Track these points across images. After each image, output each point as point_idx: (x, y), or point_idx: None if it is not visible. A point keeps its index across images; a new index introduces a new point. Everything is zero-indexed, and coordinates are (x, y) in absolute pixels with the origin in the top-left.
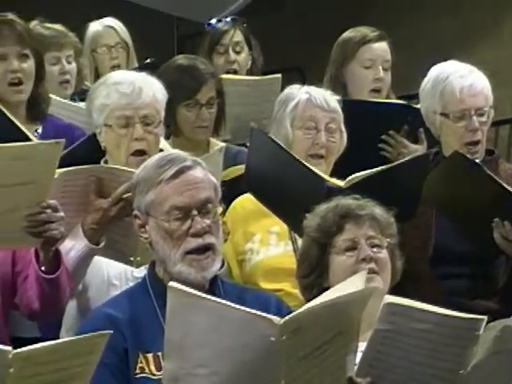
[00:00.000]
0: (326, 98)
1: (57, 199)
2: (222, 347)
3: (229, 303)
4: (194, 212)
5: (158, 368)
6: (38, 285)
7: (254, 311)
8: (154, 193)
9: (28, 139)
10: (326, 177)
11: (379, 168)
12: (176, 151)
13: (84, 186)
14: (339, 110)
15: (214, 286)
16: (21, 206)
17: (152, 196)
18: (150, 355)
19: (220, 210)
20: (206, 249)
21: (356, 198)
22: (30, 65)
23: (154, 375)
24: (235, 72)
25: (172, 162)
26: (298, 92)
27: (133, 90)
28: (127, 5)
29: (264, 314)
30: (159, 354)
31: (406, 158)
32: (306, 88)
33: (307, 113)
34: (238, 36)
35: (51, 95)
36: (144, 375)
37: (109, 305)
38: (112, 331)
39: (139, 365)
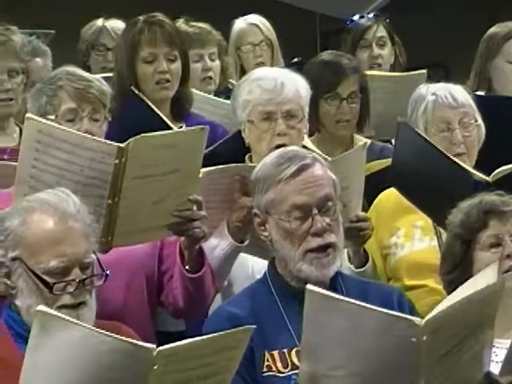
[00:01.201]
0: (453, 93)
1: (202, 197)
2: (361, 348)
3: (367, 305)
4: (315, 211)
5: (285, 365)
6: (183, 283)
7: (393, 312)
8: (274, 192)
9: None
10: (473, 171)
11: None
12: (295, 148)
13: (229, 184)
14: (470, 102)
15: (334, 282)
16: (169, 196)
17: (272, 195)
18: (275, 352)
19: (340, 207)
20: (327, 247)
21: (500, 194)
22: (177, 66)
23: (282, 373)
24: (379, 66)
25: (291, 159)
26: (426, 93)
27: (275, 86)
28: (270, 2)
29: (404, 315)
30: (285, 350)
31: None
32: (432, 88)
33: (437, 114)
34: (381, 31)
35: (193, 89)
36: (271, 373)
37: (231, 303)
38: (255, 326)
39: (266, 363)
